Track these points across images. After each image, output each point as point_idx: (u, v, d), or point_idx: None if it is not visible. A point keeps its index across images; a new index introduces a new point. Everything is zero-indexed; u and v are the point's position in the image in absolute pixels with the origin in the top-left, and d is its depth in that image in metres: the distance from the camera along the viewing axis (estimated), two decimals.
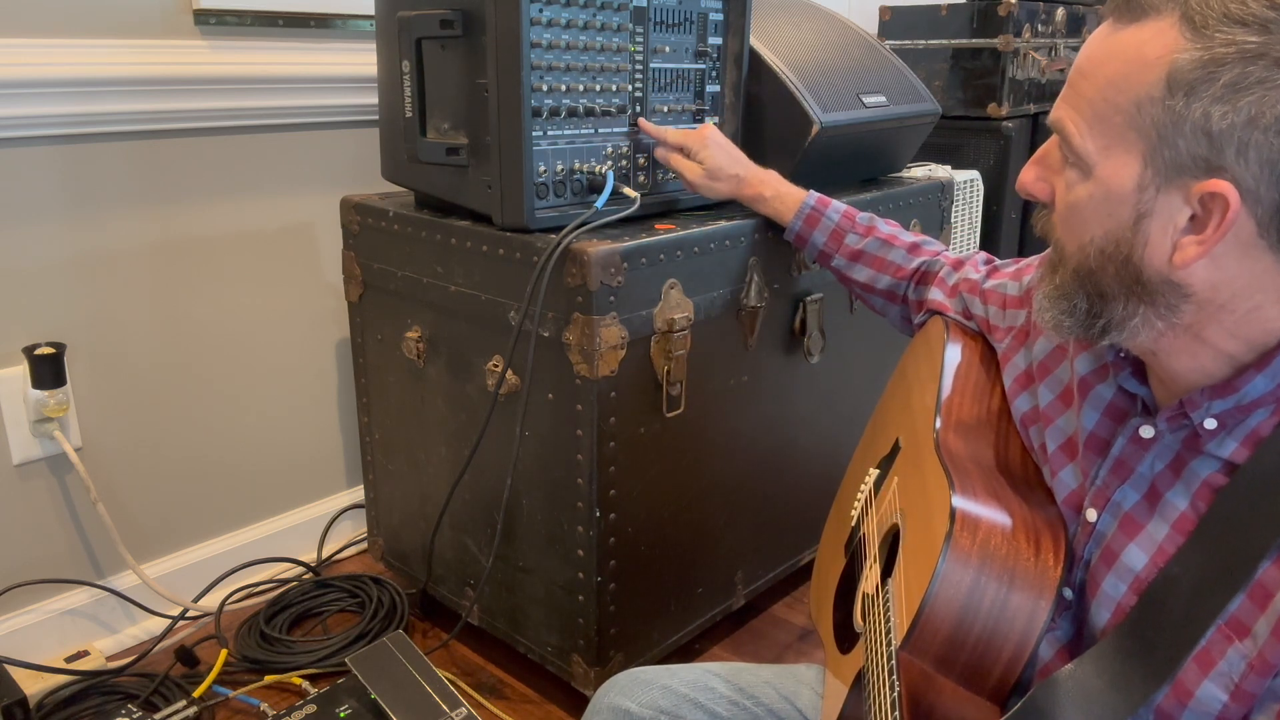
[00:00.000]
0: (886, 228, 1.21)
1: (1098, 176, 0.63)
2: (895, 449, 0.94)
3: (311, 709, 1.27)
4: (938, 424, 0.85)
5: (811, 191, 1.26)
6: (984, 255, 1.09)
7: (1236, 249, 0.60)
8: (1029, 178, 0.70)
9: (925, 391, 0.94)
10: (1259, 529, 0.60)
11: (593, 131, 1.26)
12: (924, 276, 1.14)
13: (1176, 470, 0.67)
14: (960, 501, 0.72)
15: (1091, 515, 0.71)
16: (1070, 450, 0.76)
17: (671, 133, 1.30)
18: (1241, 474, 0.62)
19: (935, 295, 1.08)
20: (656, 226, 1.26)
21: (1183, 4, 0.58)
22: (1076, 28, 2.41)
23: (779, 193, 1.27)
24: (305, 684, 1.38)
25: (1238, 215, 0.58)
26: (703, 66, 1.38)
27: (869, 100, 1.51)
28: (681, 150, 1.29)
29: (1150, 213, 0.61)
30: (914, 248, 1.17)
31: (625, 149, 1.31)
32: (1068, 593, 0.72)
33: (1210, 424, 0.64)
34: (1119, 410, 0.73)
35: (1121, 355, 0.72)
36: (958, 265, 1.10)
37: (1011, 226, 2.31)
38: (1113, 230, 0.63)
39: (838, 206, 1.24)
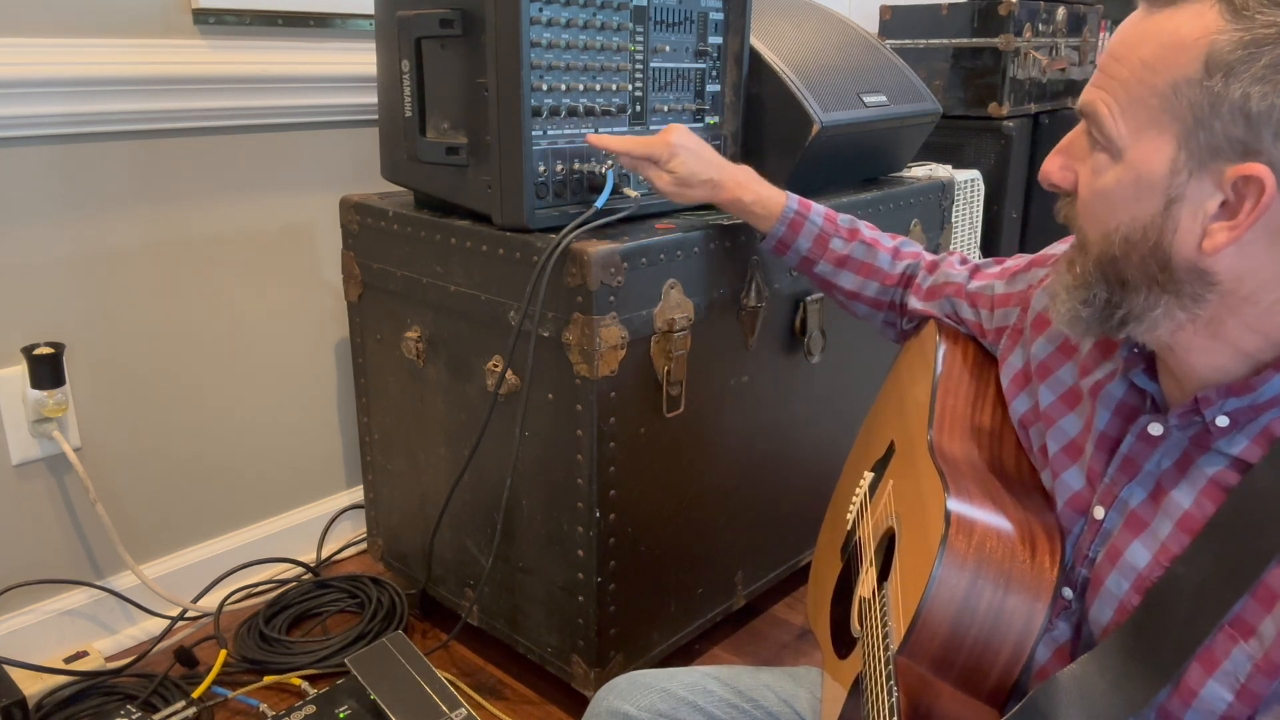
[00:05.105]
0: (868, 230, 1.16)
1: (1129, 160, 0.62)
2: (890, 452, 0.94)
3: (311, 709, 1.27)
4: (931, 427, 0.85)
5: (790, 194, 1.19)
6: (959, 255, 1.08)
7: (1266, 237, 0.60)
8: (1053, 166, 0.69)
9: (919, 394, 0.93)
10: (1270, 529, 0.59)
11: (592, 131, 1.25)
12: (909, 280, 1.12)
13: (1182, 468, 0.67)
14: (955, 504, 0.72)
15: (1099, 513, 0.71)
16: (1073, 452, 0.76)
17: (632, 143, 1.18)
18: (1255, 473, 0.62)
19: (916, 302, 1.07)
20: (656, 226, 1.26)
21: None
22: (1077, 27, 2.40)
23: (759, 197, 1.17)
24: (305, 684, 1.38)
25: (1273, 200, 0.57)
26: (703, 66, 1.38)
27: (869, 100, 1.51)
28: (650, 160, 1.18)
29: (1181, 197, 0.61)
30: (896, 252, 1.14)
31: None
32: (1067, 592, 0.72)
33: (1223, 421, 0.64)
34: (1130, 408, 0.72)
35: (1135, 351, 0.71)
36: (933, 268, 1.09)
37: (1012, 226, 2.31)
38: (1140, 216, 0.63)
39: (819, 209, 1.17)
